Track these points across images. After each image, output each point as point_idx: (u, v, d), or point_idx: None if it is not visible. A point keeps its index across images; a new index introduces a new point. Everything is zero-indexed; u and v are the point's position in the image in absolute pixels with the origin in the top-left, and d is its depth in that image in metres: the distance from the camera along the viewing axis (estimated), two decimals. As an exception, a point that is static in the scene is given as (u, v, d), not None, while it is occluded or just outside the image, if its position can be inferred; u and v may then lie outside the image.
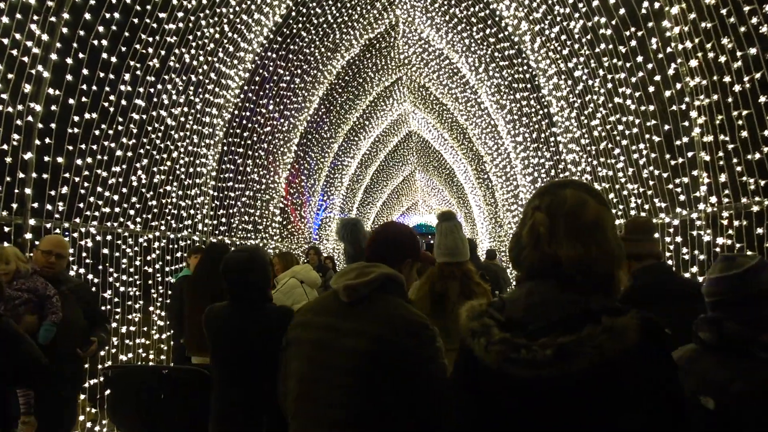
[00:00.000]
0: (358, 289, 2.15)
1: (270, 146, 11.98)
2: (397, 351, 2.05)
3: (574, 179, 2.21)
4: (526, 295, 1.57)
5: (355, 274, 2.21)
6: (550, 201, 1.61)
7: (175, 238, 8.68)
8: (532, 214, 1.61)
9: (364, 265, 2.28)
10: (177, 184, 8.47)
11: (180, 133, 8.16)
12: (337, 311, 2.19)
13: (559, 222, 1.56)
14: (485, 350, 1.50)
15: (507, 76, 10.93)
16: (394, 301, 2.18)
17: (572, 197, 1.59)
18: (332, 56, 12.90)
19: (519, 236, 1.64)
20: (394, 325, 2.09)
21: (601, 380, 1.40)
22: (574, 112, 8.11)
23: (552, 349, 1.40)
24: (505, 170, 14.99)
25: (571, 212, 1.56)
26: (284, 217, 14.94)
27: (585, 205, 1.58)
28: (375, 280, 2.17)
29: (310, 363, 2.20)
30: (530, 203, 1.66)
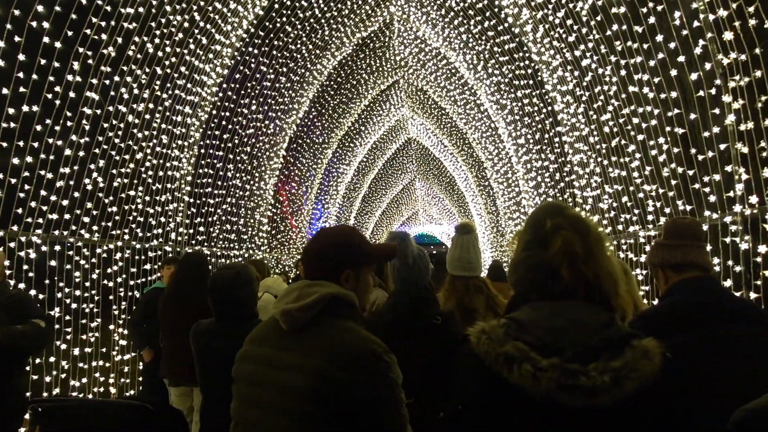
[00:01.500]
0: (296, 315, 1.85)
1: (254, 150, 11.18)
2: (340, 388, 1.74)
3: (555, 201, 2.05)
4: (550, 316, 1.53)
5: (295, 295, 1.90)
6: (569, 221, 1.60)
7: (142, 249, 7.86)
8: (555, 234, 1.57)
9: (306, 284, 1.94)
10: (143, 189, 7.67)
11: (144, 132, 7.37)
12: (275, 341, 1.92)
13: (589, 241, 1.57)
14: (532, 378, 1.41)
15: (507, 73, 10.14)
16: (340, 326, 1.87)
17: (586, 218, 1.63)
18: (322, 55, 12.13)
19: (537, 258, 1.59)
20: (337, 356, 1.78)
21: (639, 405, 1.42)
22: (581, 107, 7.30)
23: (609, 375, 1.39)
24: (507, 176, 14.18)
25: (596, 233, 1.59)
26: (273, 226, 14.12)
27: (601, 230, 1.66)
28: (317, 302, 1.85)
29: (244, 402, 1.96)
30: (539, 224, 1.62)
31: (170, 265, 6.63)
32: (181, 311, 4.99)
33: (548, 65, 8.21)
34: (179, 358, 4.95)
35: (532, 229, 1.67)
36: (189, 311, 4.97)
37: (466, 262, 3.70)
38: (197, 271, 5.19)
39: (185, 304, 4.99)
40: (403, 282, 3.06)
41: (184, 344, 5.00)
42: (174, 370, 5.12)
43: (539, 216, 1.67)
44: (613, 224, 7.12)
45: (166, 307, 5.21)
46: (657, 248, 2.59)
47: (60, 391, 6.28)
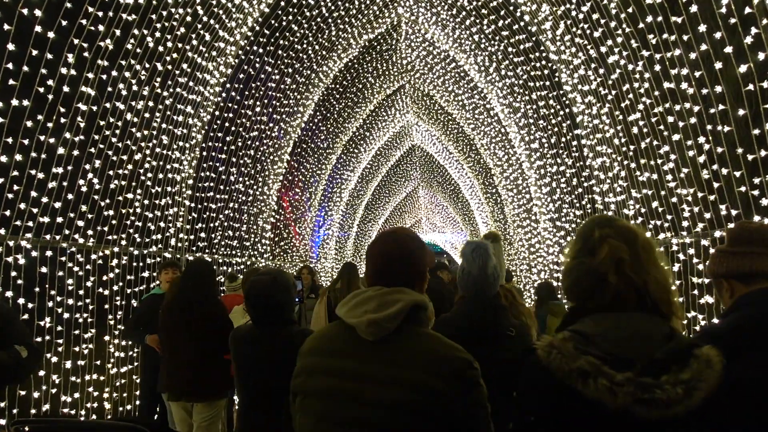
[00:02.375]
0: (384, 326, 1.77)
1: (258, 153, 10.79)
2: (442, 399, 1.72)
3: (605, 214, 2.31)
4: (615, 328, 1.58)
5: (376, 304, 1.81)
6: (617, 231, 1.70)
7: (140, 255, 7.45)
8: (602, 242, 1.68)
9: (384, 291, 1.86)
10: (141, 192, 7.27)
11: (144, 132, 6.97)
12: (356, 352, 1.80)
13: (637, 249, 1.66)
14: (609, 392, 1.46)
15: (522, 74, 9.76)
16: (426, 335, 1.83)
17: (639, 230, 1.74)
18: (328, 56, 11.76)
19: (586, 265, 1.69)
20: (436, 367, 1.74)
21: (705, 413, 1.48)
22: (605, 107, 6.91)
23: (681, 387, 1.45)
24: (517, 182, 13.78)
25: (645, 244, 1.69)
26: (276, 233, 13.71)
27: (651, 239, 1.75)
28: (402, 311, 1.79)
29: (324, 419, 1.81)
30: (588, 234, 1.74)
31: (168, 269, 6.22)
32: (184, 321, 4.66)
33: (568, 64, 7.83)
34: (180, 371, 4.68)
35: (582, 239, 1.76)
36: (192, 321, 4.62)
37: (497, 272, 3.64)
38: (202, 280, 4.87)
39: (188, 313, 4.67)
40: (477, 291, 3.04)
41: (185, 356, 4.61)
42: (173, 383, 4.76)
43: (589, 227, 1.77)
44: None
45: (166, 317, 4.85)
46: (721, 256, 2.27)
47: (50, 407, 5.85)
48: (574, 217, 9.40)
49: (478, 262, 3.10)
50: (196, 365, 4.58)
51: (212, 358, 4.60)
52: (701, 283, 5.32)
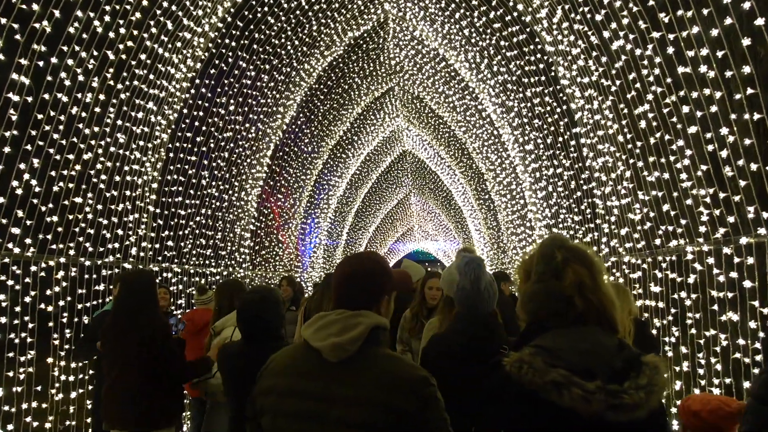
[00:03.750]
0: (346, 348, 1.89)
1: (233, 156, 10.05)
2: (404, 417, 1.85)
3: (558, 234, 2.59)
4: (577, 342, 1.76)
5: (340, 327, 1.92)
6: (575, 254, 1.89)
7: (93, 266, 6.69)
8: (566, 266, 1.86)
9: (348, 314, 1.96)
10: (93, 196, 6.52)
11: (94, 129, 6.23)
12: (322, 374, 1.91)
13: (593, 272, 1.86)
14: (583, 400, 1.64)
15: (515, 69, 9.08)
16: (385, 356, 1.95)
17: (587, 250, 1.94)
18: (309, 53, 11.05)
19: (553, 289, 1.85)
20: (396, 386, 1.86)
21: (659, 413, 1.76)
22: (608, 100, 6.22)
23: (643, 391, 1.66)
24: (510, 187, 13.10)
25: (597, 263, 1.89)
26: (257, 242, 12.95)
27: (599, 260, 1.93)
28: (363, 334, 1.91)
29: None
30: (550, 257, 1.89)
31: None
32: (123, 344, 4.14)
33: (566, 55, 7.15)
34: (116, 399, 4.14)
35: (544, 261, 1.92)
36: (131, 341, 4.10)
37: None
38: (142, 295, 4.30)
39: (127, 332, 4.14)
40: (470, 307, 3.02)
41: (123, 380, 4.14)
42: (111, 411, 4.20)
43: (548, 249, 1.93)
44: (647, 237, 6.01)
45: (106, 338, 4.34)
46: None
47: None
48: (573, 223, 8.70)
49: (470, 276, 3.04)
50: (132, 393, 4.06)
51: (152, 386, 4.08)
52: (723, 297, 4.62)
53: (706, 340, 4.97)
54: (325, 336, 1.91)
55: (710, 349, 4.90)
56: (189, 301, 9.16)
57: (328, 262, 21.99)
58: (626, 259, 6.71)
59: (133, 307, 4.20)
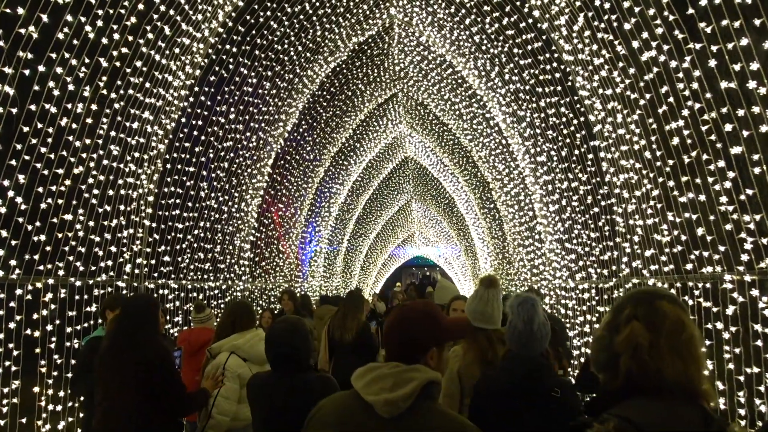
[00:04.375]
0: (399, 404, 1.86)
1: (233, 166, 9.65)
2: None
3: (661, 289, 2.31)
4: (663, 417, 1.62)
5: (392, 382, 1.90)
6: (647, 312, 1.76)
7: (84, 286, 6.29)
8: (628, 322, 1.76)
9: (401, 369, 1.93)
10: (84, 212, 6.12)
11: (85, 141, 5.83)
12: (374, 428, 1.88)
13: (660, 336, 1.70)
14: None
15: (529, 78, 8.69)
16: (437, 411, 1.92)
17: (672, 313, 1.75)
18: (312, 59, 10.66)
19: (607, 340, 1.79)
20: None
21: None
22: (635, 113, 5.83)
23: None
24: (518, 198, 12.70)
25: (672, 329, 1.72)
26: (257, 253, 12.54)
27: (683, 323, 1.75)
28: (415, 390, 1.87)
29: None
30: (620, 310, 1.82)
31: (116, 309, 5.10)
32: (119, 366, 3.89)
33: (586, 65, 6.76)
34: (111, 424, 3.85)
35: (613, 313, 1.85)
36: (128, 366, 3.85)
37: (488, 315, 3.77)
38: (142, 319, 4.03)
39: (124, 357, 3.88)
40: (522, 347, 3.02)
41: (118, 406, 3.85)
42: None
43: (623, 302, 1.86)
44: (677, 261, 5.62)
45: (101, 361, 4.01)
46: None
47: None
48: (588, 239, 8.31)
49: (523, 317, 3.04)
50: (127, 420, 3.80)
51: (149, 412, 3.83)
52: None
53: (747, 378, 4.57)
54: (378, 390, 1.89)
55: (752, 388, 4.50)
56: (186, 318, 8.76)
57: (328, 270, 21.58)
58: (651, 281, 6.31)
59: (130, 328, 3.92)
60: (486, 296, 3.84)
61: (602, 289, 7.93)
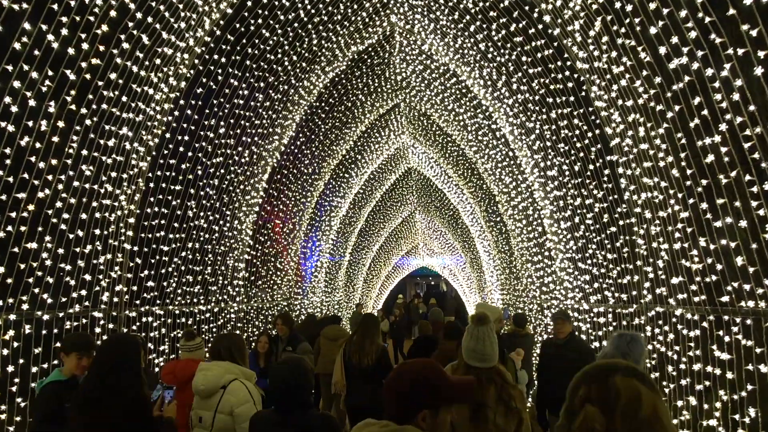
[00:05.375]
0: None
1: (224, 183, 9.09)
2: None
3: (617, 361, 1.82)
4: None
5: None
6: (600, 392, 1.67)
7: (53, 319, 5.71)
8: (582, 406, 1.68)
9: (389, 429, 2.06)
10: (51, 239, 5.55)
11: (51, 162, 5.27)
12: None
13: (615, 418, 1.60)
14: None
15: (538, 88, 8.11)
16: None
17: (626, 390, 1.64)
18: (309, 69, 10.12)
19: (566, 429, 1.70)
20: None
21: None
22: (661, 127, 5.24)
23: None
24: (527, 212, 12.10)
25: (628, 408, 1.61)
26: (252, 272, 11.96)
27: (640, 399, 1.63)
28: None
29: None
30: (575, 390, 1.72)
31: (80, 353, 4.48)
32: (101, 416, 3.55)
33: (603, 74, 6.18)
34: None
35: (570, 394, 1.74)
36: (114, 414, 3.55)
37: (480, 354, 3.80)
38: (125, 362, 3.73)
39: (108, 405, 3.57)
40: None
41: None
42: None
43: (577, 381, 1.76)
44: (710, 292, 5.01)
45: (80, 412, 3.64)
46: None
47: None
48: (605, 260, 7.70)
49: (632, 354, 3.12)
50: None
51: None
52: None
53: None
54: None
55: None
56: (174, 345, 8.19)
57: (329, 285, 20.99)
58: (678, 312, 5.70)
59: (120, 370, 3.65)
60: (477, 333, 3.86)
61: (621, 314, 7.32)
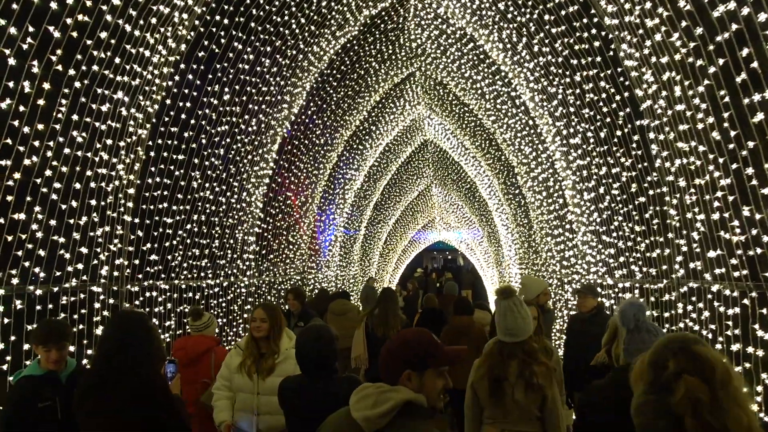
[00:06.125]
0: (375, 421, 2.10)
1: (230, 152, 8.72)
2: None
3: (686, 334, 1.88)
4: None
5: (373, 401, 2.14)
6: (693, 364, 1.65)
7: (47, 294, 5.42)
8: (678, 378, 1.63)
9: (382, 390, 2.18)
10: (42, 209, 5.22)
11: (37, 126, 4.91)
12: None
13: (715, 387, 1.60)
14: None
15: (562, 49, 7.58)
16: (416, 427, 2.12)
17: (716, 359, 1.66)
18: (319, 33, 9.64)
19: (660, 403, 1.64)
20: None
21: None
22: (701, 84, 4.73)
23: None
24: (547, 184, 11.60)
25: (724, 377, 1.62)
26: (264, 245, 11.64)
27: (728, 368, 1.65)
28: (392, 409, 2.10)
29: None
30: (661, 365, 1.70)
31: (47, 346, 3.83)
32: (106, 400, 3.28)
33: (635, 30, 5.65)
34: None
35: (653, 368, 1.74)
36: (114, 406, 3.27)
37: (506, 328, 3.88)
38: (132, 339, 3.42)
39: (114, 387, 3.29)
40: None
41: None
42: None
43: (661, 355, 1.74)
44: (754, 266, 4.56)
45: (84, 398, 3.37)
46: None
47: None
48: (631, 233, 7.24)
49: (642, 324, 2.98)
50: None
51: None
52: None
53: None
54: (362, 407, 2.12)
55: None
56: (181, 321, 7.92)
57: (344, 259, 20.70)
58: (715, 288, 5.25)
59: (133, 345, 3.40)
60: (501, 307, 3.93)
61: (649, 290, 6.87)
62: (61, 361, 3.88)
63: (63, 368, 3.91)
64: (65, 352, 3.93)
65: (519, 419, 3.83)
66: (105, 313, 6.26)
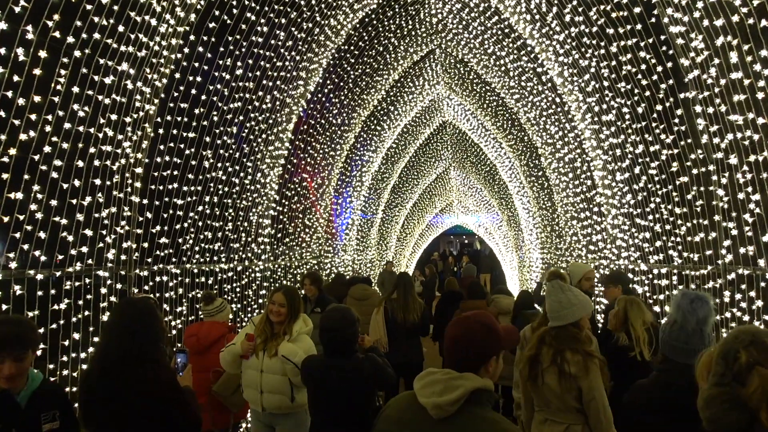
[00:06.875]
0: (445, 408, 2.11)
1: (243, 131, 8.33)
2: None
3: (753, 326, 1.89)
4: None
5: (442, 387, 2.15)
6: (767, 354, 1.59)
7: (48, 279, 5.10)
8: (751, 369, 1.58)
9: (450, 376, 2.20)
10: (41, 188, 4.88)
11: (34, 98, 4.55)
12: (423, 428, 2.15)
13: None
14: None
15: (596, 18, 7.05)
16: (484, 418, 2.12)
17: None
18: (336, 5, 9.17)
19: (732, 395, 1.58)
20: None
21: None
22: (763, 47, 4.24)
23: None
24: (574, 165, 11.09)
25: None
26: (279, 228, 11.30)
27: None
28: (462, 397, 2.12)
29: None
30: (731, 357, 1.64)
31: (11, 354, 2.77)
32: (108, 399, 3.10)
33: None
34: None
35: (724, 360, 1.67)
36: (120, 398, 3.09)
37: (549, 311, 3.90)
38: (143, 324, 3.27)
39: (114, 387, 3.11)
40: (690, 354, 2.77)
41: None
42: None
43: (732, 346, 1.68)
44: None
45: (85, 392, 3.20)
46: None
47: None
48: (670, 215, 6.75)
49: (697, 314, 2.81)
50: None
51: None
52: None
53: None
54: (430, 394, 2.15)
55: None
56: (193, 307, 7.62)
57: (362, 243, 20.36)
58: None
59: (139, 333, 3.23)
60: (553, 291, 3.90)
61: (689, 276, 6.40)
62: (17, 377, 2.81)
63: (22, 386, 2.87)
64: (25, 364, 2.84)
65: (558, 409, 3.78)
66: (112, 299, 5.96)
